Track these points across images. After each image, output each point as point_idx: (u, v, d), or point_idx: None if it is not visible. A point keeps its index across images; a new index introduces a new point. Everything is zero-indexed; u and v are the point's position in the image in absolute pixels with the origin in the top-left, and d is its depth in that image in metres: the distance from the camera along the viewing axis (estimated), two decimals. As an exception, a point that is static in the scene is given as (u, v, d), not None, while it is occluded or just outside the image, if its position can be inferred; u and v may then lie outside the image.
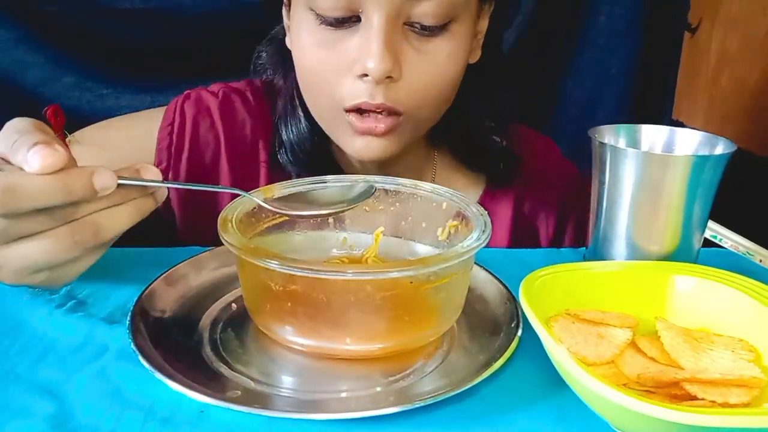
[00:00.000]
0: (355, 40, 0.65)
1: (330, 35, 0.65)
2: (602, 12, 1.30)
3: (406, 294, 0.49)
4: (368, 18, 0.63)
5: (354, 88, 0.66)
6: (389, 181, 0.62)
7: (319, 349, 0.51)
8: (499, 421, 0.45)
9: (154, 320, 0.54)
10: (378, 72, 0.63)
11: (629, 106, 1.34)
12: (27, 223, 0.47)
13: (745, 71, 1.18)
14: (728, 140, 0.62)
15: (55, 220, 0.47)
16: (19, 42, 1.07)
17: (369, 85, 0.65)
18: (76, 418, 0.44)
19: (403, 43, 0.65)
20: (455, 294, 0.53)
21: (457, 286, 0.53)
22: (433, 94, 0.69)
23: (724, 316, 0.52)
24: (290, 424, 0.44)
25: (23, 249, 0.48)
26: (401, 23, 0.64)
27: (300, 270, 0.45)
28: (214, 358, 0.51)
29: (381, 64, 0.62)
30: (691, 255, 0.63)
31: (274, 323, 0.51)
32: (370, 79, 0.64)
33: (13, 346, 0.52)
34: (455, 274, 0.51)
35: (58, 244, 0.48)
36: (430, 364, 0.51)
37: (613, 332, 0.50)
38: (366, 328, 0.50)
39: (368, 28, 0.63)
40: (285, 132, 0.78)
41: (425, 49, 0.66)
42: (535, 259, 0.70)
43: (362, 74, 0.64)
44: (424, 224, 0.62)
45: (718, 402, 0.41)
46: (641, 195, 0.60)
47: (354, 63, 0.65)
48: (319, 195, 0.60)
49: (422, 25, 0.65)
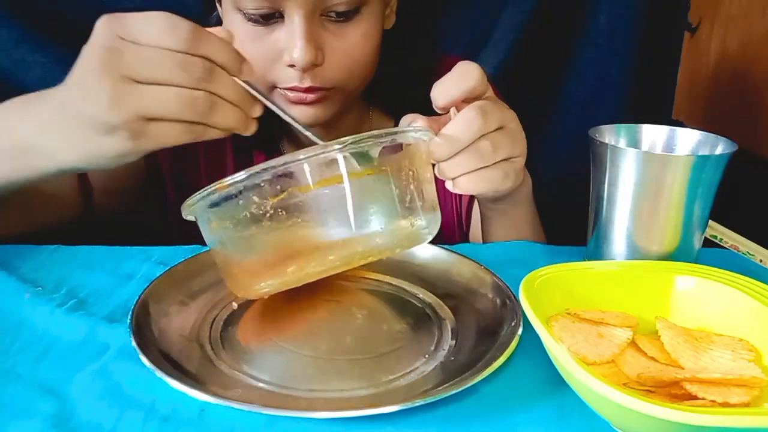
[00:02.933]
0: (281, 34, 0.72)
1: (258, 30, 0.73)
2: (602, 11, 1.30)
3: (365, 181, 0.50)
4: (289, 15, 0.70)
5: (284, 74, 0.74)
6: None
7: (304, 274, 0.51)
8: (499, 421, 0.45)
9: (155, 319, 0.54)
10: (303, 62, 0.70)
11: (629, 105, 1.34)
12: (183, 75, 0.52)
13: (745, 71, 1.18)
14: (729, 140, 0.62)
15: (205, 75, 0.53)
16: (19, 42, 1.06)
17: (297, 72, 0.73)
18: (77, 416, 0.45)
19: (323, 31, 0.73)
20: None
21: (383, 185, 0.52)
22: (356, 69, 0.77)
23: (725, 315, 0.52)
24: (290, 423, 0.44)
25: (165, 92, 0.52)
26: (318, 14, 0.72)
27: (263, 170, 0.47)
28: (214, 357, 0.51)
29: (305, 55, 0.70)
30: (692, 255, 0.63)
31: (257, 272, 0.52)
32: (297, 68, 0.72)
33: (14, 345, 0.52)
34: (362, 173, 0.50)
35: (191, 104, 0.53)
36: (431, 363, 0.51)
37: (613, 332, 0.50)
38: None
39: (290, 23, 0.70)
40: None
41: (342, 33, 0.74)
42: (536, 259, 0.70)
43: (290, 64, 0.72)
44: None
45: (719, 402, 0.41)
46: (641, 195, 0.60)
47: (282, 53, 0.72)
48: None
49: (337, 12, 0.72)
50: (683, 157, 0.60)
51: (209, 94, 0.53)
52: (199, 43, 0.52)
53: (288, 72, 0.73)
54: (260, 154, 0.91)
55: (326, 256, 0.51)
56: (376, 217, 0.51)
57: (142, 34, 0.51)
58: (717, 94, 1.27)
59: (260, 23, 0.72)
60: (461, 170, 0.57)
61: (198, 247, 0.67)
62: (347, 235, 0.50)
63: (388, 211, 0.52)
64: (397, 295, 0.62)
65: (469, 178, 0.58)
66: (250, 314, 0.58)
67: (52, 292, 0.60)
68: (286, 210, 0.49)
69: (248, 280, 0.53)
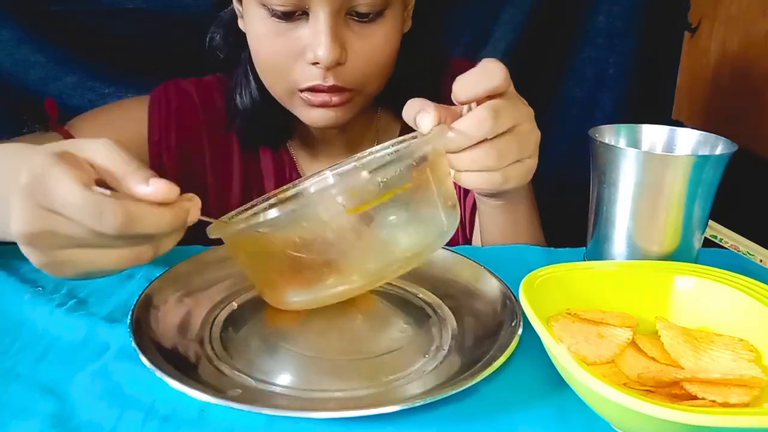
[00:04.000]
0: (305, 31, 0.72)
1: (282, 26, 0.73)
2: (601, 11, 1.30)
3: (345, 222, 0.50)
4: (315, 12, 0.71)
5: (307, 72, 0.74)
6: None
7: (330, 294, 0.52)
8: (499, 421, 0.45)
9: (155, 319, 0.54)
10: (327, 60, 0.71)
11: (629, 105, 1.34)
12: (114, 240, 0.47)
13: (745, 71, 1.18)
14: (728, 140, 0.62)
15: (138, 240, 0.48)
16: (21, 42, 1.07)
17: (320, 70, 0.73)
18: (77, 416, 0.45)
19: (347, 30, 0.73)
20: (415, 211, 0.54)
21: (409, 204, 0.53)
22: (376, 71, 0.78)
23: (725, 315, 0.52)
24: (290, 423, 0.44)
25: (95, 255, 0.48)
26: (343, 13, 0.72)
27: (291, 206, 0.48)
28: (214, 357, 0.51)
29: (330, 53, 0.71)
30: (692, 255, 0.63)
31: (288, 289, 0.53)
32: (320, 66, 0.72)
33: (14, 345, 0.53)
34: (387, 194, 0.51)
35: (128, 257, 0.48)
36: (431, 363, 0.51)
37: (613, 332, 0.50)
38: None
39: (316, 21, 0.71)
40: (240, 101, 0.86)
41: (365, 33, 0.74)
42: (535, 259, 0.70)
43: (314, 62, 0.73)
44: None
45: (719, 402, 0.41)
46: (641, 195, 0.60)
47: (305, 50, 0.73)
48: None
49: (361, 12, 0.73)
50: (683, 157, 0.60)
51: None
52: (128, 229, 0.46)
53: (311, 70, 0.74)
54: (266, 151, 0.91)
55: (367, 269, 0.52)
56: (423, 227, 0.54)
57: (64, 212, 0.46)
58: (717, 94, 1.27)
59: (284, 19, 0.72)
60: (466, 167, 0.58)
61: (198, 246, 0.67)
62: (393, 255, 0.53)
63: (432, 218, 0.55)
64: (398, 295, 0.62)
65: (472, 176, 0.59)
66: (251, 314, 0.58)
67: (52, 292, 0.60)
68: (336, 233, 0.50)
69: (285, 291, 0.54)
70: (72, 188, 0.44)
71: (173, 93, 0.91)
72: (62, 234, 0.46)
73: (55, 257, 0.47)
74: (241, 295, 0.60)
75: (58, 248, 0.47)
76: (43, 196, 0.45)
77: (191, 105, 0.91)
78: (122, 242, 0.47)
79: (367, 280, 0.53)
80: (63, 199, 0.44)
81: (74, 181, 0.45)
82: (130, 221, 0.45)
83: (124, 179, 0.47)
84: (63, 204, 0.45)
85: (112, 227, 0.45)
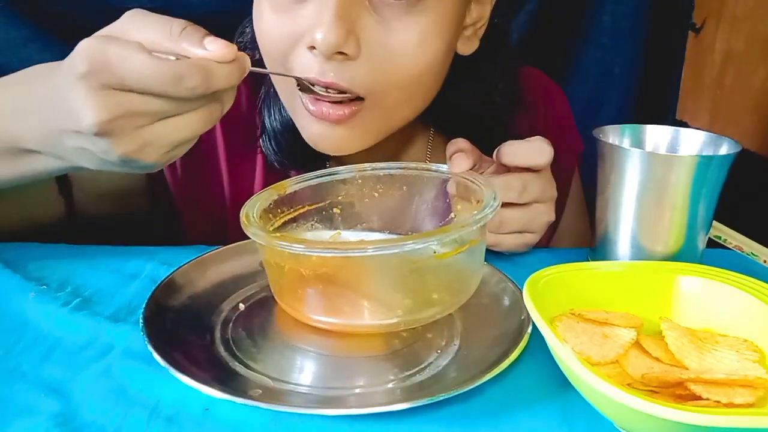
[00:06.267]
0: (311, 8, 0.57)
1: (287, 3, 0.59)
2: (606, 11, 1.30)
3: (429, 265, 0.52)
4: None
5: (304, 60, 0.59)
6: (384, 167, 0.63)
7: (345, 327, 0.53)
8: (503, 421, 0.45)
9: (165, 319, 0.54)
10: (326, 44, 0.55)
11: (633, 105, 1.34)
12: (190, 103, 0.47)
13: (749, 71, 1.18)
14: (733, 140, 0.62)
15: (209, 98, 0.48)
16: (27, 41, 1.07)
17: (319, 58, 0.57)
18: (81, 416, 0.45)
19: (366, 15, 0.57)
20: (473, 263, 0.55)
21: (474, 255, 0.55)
22: (401, 79, 0.60)
23: (729, 316, 0.52)
24: (296, 420, 0.44)
25: (175, 125, 0.47)
26: None
27: (325, 251, 0.48)
28: (226, 356, 0.51)
29: (329, 35, 0.55)
30: (696, 255, 0.63)
31: (302, 307, 0.53)
32: (318, 52, 0.57)
33: (18, 344, 0.53)
34: (474, 241, 0.53)
35: (207, 118, 0.49)
36: (438, 362, 0.51)
37: (617, 332, 0.50)
38: (390, 302, 0.52)
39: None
40: (268, 119, 0.74)
41: (394, 25, 0.58)
42: (539, 259, 0.70)
43: (311, 46, 0.57)
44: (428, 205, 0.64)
45: (723, 402, 0.41)
46: (646, 195, 0.60)
47: (306, 32, 0.58)
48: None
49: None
50: (687, 157, 0.60)
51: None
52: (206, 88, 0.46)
53: (307, 57, 0.58)
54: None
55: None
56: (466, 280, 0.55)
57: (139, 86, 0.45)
58: (721, 95, 1.26)
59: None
60: None
61: (203, 247, 0.67)
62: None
63: (475, 273, 0.56)
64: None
65: None
66: (259, 313, 0.58)
67: (57, 290, 0.60)
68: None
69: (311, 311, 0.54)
70: (142, 59, 0.43)
71: None
72: (140, 111, 0.45)
73: (138, 139, 0.46)
74: (248, 296, 0.60)
75: (137, 128, 0.46)
76: (111, 74, 0.43)
77: None
78: (197, 104, 0.47)
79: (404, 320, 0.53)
80: (137, 72, 0.43)
81: (141, 52, 0.44)
82: (208, 79, 0.45)
83: (179, 44, 0.46)
84: (138, 77, 0.43)
85: (192, 89, 0.44)
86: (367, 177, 0.63)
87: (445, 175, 0.62)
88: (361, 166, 0.63)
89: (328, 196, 0.63)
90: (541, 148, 0.61)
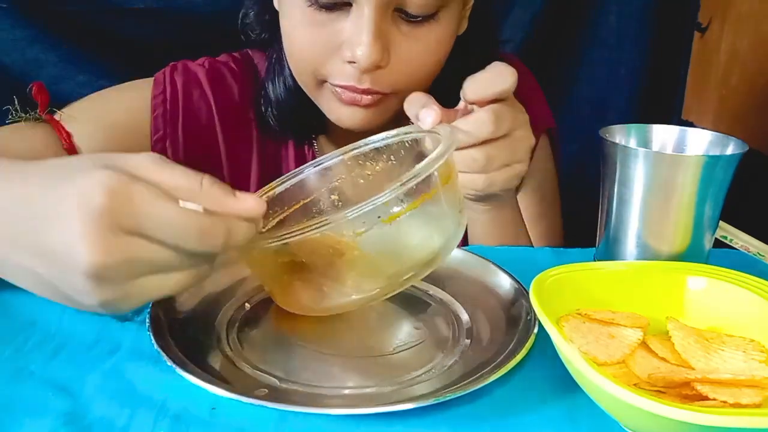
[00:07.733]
0: (346, 24, 0.65)
1: (320, 16, 0.66)
2: (612, 11, 1.30)
3: (381, 232, 0.49)
4: (359, 5, 0.64)
5: (341, 70, 0.67)
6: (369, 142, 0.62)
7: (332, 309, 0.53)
8: (509, 421, 0.46)
9: (172, 318, 0.54)
10: (367, 63, 0.64)
11: (639, 105, 1.34)
12: (192, 260, 0.43)
13: (755, 71, 1.18)
14: (739, 140, 0.62)
15: (208, 257, 0.45)
16: (33, 41, 1.07)
17: (356, 71, 0.66)
18: (90, 414, 0.45)
19: (393, 29, 0.66)
20: (439, 213, 0.53)
21: (439, 205, 0.52)
22: (421, 76, 0.71)
23: (735, 316, 0.52)
24: (301, 420, 0.45)
25: (166, 279, 0.43)
26: (391, 10, 0.65)
27: (289, 236, 0.46)
28: (233, 355, 0.52)
29: (370, 55, 0.64)
30: (702, 255, 0.62)
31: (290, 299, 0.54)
32: (357, 66, 0.65)
33: (27, 344, 0.53)
34: (427, 195, 0.50)
35: (192, 278, 0.44)
36: (444, 362, 0.51)
37: (623, 332, 0.50)
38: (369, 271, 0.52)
39: (359, 15, 0.64)
40: (272, 89, 0.80)
41: (414, 35, 0.67)
42: (545, 259, 0.70)
43: (350, 61, 0.65)
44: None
45: (730, 402, 0.41)
46: (652, 195, 0.60)
47: (342, 46, 0.66)
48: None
49: (411, 14, 0.66)
50: (694, 157, 0.60)
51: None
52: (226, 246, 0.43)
53: (345, 69, 0.67)
54: (289, 144, 0.86)
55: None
56: (441, 231, 0.54)
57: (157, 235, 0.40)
58: (727, 94, 1.26)
59: (325, 9, 0.65)
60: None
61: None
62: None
63: (449, 221, 0.54)
64: (411, 293, 0.62)
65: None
66: (265, 313, 0.58)
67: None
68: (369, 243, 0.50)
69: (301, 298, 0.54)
70: (167, 207, 0.39)
71: (179, 77, 0.84)
72: (144, 260, 0.40)
73: (126, 290, 0.41)
74: (253, 296, 0.60)
75: (132, 278, 0.41)
76: (131, 218, 0.39)
77: (198, 90, 0.84)
78: (196, 261, 0.43)
79: (386, 286, 0.53)
80: (161, 220, 0.39)
81: (167, 200, 0.40)
82: (230, 236, 0.41)
83: (210, 195, 0.42)
84: (159, 225, 0.39)
85: (214, 246, 0.41)
86: (354, 157, 0.62)
87: (421, 135, 0.60)
88: (345, 149, 0.63)
89: (322, 186, 0.63)
90: (501, 71, 0.60)
